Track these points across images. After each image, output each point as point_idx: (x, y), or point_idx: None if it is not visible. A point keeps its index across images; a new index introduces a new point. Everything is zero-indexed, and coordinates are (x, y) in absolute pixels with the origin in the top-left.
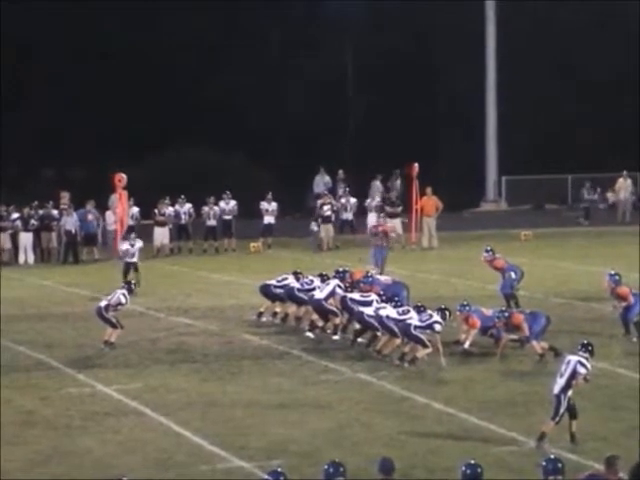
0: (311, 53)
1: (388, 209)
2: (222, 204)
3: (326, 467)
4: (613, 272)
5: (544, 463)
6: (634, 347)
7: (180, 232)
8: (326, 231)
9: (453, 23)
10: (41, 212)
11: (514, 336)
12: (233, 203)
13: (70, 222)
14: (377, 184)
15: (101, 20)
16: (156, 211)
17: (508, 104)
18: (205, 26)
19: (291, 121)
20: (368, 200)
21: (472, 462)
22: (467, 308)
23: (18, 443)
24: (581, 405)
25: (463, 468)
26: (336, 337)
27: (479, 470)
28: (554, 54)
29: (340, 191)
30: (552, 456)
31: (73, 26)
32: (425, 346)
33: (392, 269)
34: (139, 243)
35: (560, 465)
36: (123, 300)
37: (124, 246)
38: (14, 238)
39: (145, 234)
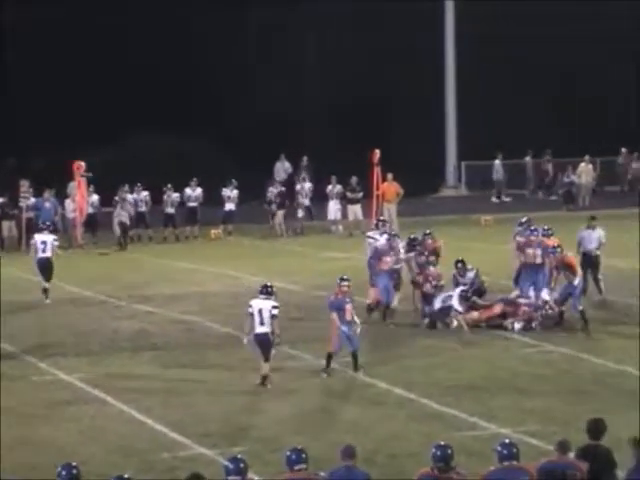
0: (279, 40)
1: (349, 195)
2: (188, 190)
3: (288, 453)
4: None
5: (499, 448)
6: (596, 333)
7: (138, 220)
8: (281, 217)
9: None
10: (1, 200)
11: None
12: (199, 190)
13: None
14: (497, 163)
15: (64, 10)
16: (116, 198)
17: (467, 89)
18: (170, 13)
19: (255, 107)
20: (329, 187)
21: (442, 443)
22: None
23: None
24: (544, 390)
25: (434, 450)
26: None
27: (449, 451)
28: (513, 39)
29: (301, 177)
30: (507, 440)
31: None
32: None
33: (352, 255)
34: None
35: (515, 450)
36: None
37: None
38: None
39: (106, 222)
